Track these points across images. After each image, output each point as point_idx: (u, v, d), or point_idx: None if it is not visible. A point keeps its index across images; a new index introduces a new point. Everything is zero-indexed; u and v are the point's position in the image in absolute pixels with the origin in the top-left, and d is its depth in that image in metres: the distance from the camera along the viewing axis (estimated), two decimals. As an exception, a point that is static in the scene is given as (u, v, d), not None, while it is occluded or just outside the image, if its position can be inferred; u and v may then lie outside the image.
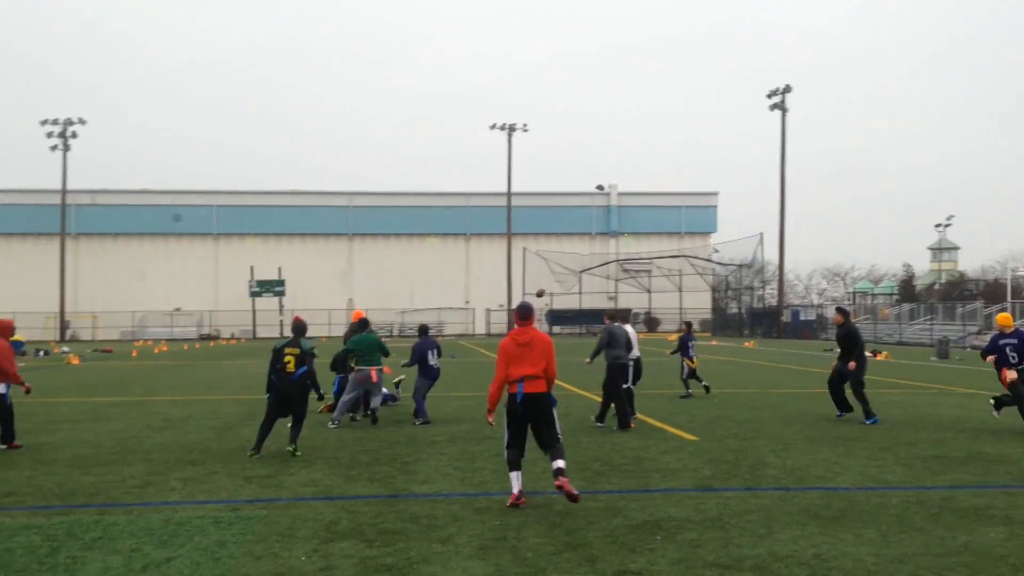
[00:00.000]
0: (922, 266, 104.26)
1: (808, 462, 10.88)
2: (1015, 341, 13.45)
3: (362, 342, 14.47)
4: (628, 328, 15.82)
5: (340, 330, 71.64)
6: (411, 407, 15.65)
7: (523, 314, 8.86)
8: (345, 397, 14.44)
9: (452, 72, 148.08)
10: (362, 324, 14.87)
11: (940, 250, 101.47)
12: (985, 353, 13.94)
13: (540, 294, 22.48)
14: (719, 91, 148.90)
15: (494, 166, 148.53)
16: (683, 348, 19.46)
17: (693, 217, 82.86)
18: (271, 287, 74.15)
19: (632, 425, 14.19)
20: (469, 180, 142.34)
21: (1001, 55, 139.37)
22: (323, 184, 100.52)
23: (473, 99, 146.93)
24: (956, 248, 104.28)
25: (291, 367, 11.42)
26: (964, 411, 16.61)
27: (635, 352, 15.58)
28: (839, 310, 15.86)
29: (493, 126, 72.55)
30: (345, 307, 75.41)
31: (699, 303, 76.57)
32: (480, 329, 75.34)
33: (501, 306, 74.40)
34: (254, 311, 73.95)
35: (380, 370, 14.51)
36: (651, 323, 74.54)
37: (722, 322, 76.79)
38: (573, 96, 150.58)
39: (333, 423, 14.25)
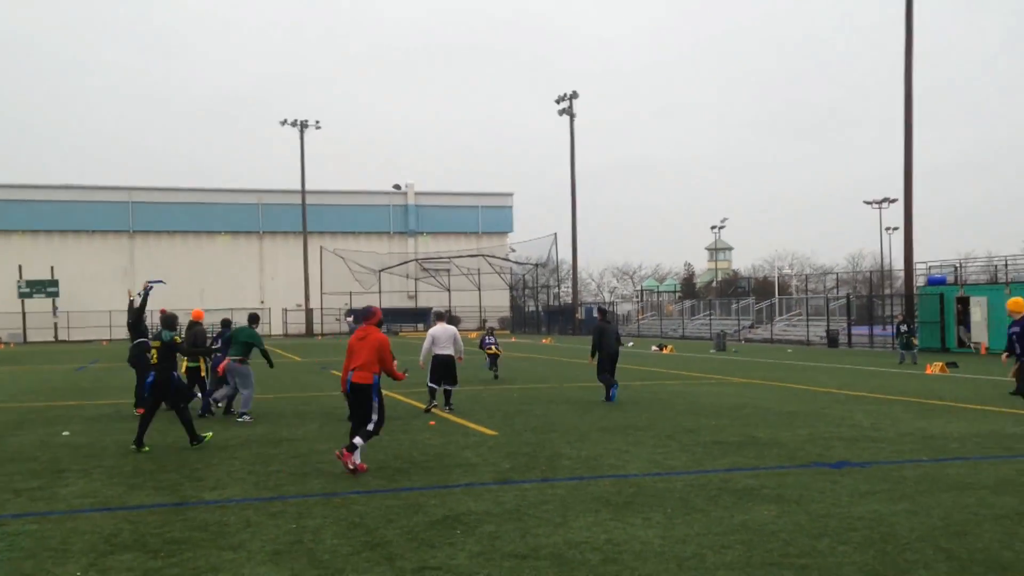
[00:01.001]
0: (701, 265, 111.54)
1: (601, 451, 11.30)
2: (1018, 330, 12.74)
3: (237, 333, 15.30)
4: (444, 327, 16.39)
5: (121, 332, 67.24)
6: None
7: (365, 315, 10.30)
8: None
9: (241, 65, 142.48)
10: (253, 318, 16.07)
11: (716, 250, 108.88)
12: (1007, 349, 13.25)
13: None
14: (515, 95, 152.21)
15: (288, 163, 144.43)
16: (482, 343, 24.14)
17: (490, 217, 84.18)
18: (43, 288, 68.49)
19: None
20: (263, 177, 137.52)
21: (772, 72, 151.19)
22: (100, 178, 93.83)
23: (263, 95, 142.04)
24: (730, 248, 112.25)
25: (154, 359, 12.02)
26: (739, 399, 17.85)
27: (446, 349, 16.08)
28: (599, 309, 18.46)
29: (284, 122, 70.46)
30: (127, 308, 70.86)
31: (498, 301, 77.94)
32: (277, 330, 73.05)
33: (299, 306, 72.49)
34: (24, 313, 68.10)
35: (240, 361, 14.91)
36: (452, 321, 74.99)
37: (520, 320, 78.58)
38: (368, 96, 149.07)
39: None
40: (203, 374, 16.25)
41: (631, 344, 47.77)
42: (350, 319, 14.16)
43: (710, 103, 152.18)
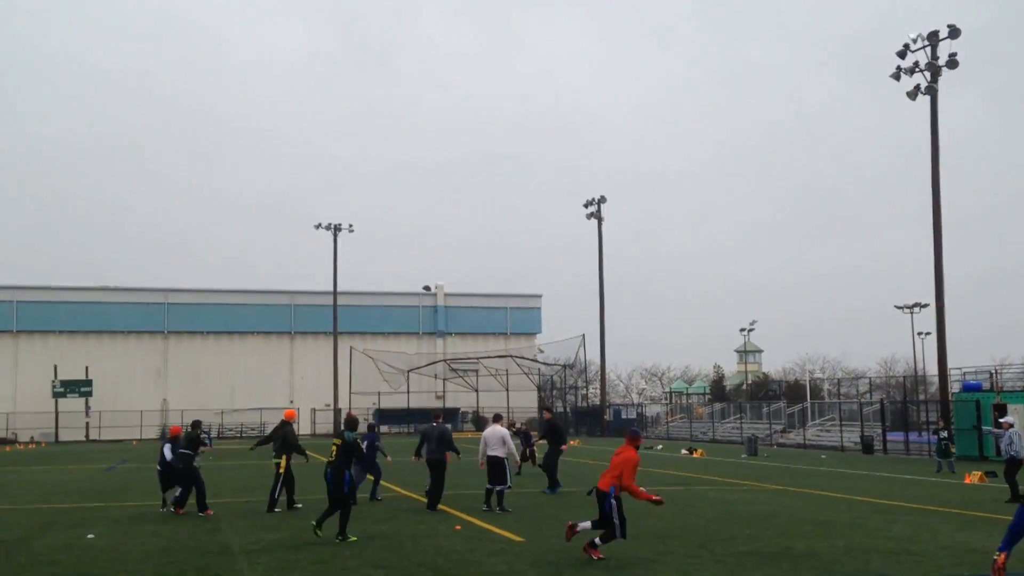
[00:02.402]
0: (731, 368, 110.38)
1: (630, 561, 11.04)
2: None
3: (429, 433, 17.18)
4: (494, 428, 16.89)
5: (153, 432, 67.57)
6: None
7: (629, 436, 11.57)
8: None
9: (276, 170, 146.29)
10: (443, 415, 18.19)
11: (745, 352, 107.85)
12: None
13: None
14: (545, 199, 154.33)
15: (320, 264, 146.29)
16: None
17: (518, 318, 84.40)
18: (76, 387, 69.16)
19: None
20: (294, 278, 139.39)
21: (803, 174, 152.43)
22: (137, 280, 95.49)
23: (297, 198, 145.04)
24: (760, 351, 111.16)
25: (333, 455, 12.90)
26: (773, 507, 17.41)
27: (495, 450, 16.39)
28: (547, 409, 20.48)
29: (318, 226, 71.81)
30: (159, 408, 71.34)
31: (525, 402, 77.29)
32: (305, 429, 72.76)
33: (327, 405, 72.36)
34: (57, 413, 68.59)
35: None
36: (479, 422, 74.56)
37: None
38: (401, 199, 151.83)
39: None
40: (281, 470, 16.65)
41: (660, 447, 47.04)
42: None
43: (740, 205, 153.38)
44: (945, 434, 29.47)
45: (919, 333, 79.93)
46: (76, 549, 12.23)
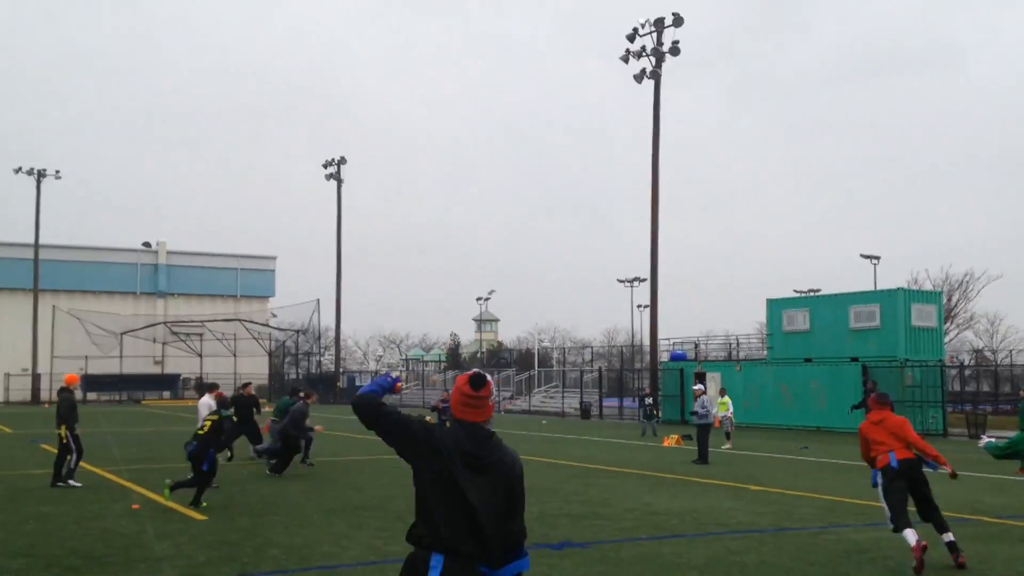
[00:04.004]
0: (469, 336, 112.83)
1: (318, 538, 10.38)
2: None
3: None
4: (205, 398, 16.17)
5: None
6: None
7: (881, 401, 9.66)
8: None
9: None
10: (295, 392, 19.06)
11: (482, 321, 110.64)
12: None
13: None
14: (285, 159, 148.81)
15: (21, 215, 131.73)
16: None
17: (250, 280, 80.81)
18: None
19: None
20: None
21: (545, 146, 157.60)
22: None
23: (10, 142, 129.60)
24: (496, 320, 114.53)
25: (204, 430, 13.08)
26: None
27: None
28: (246, 383, 22.06)
29: (19, 170, 64.24)
30: None
31: (256, 368, 74.11)
32: (-2, 397, 65.55)
33: (25, 370, 65.44)
34: None
35: (272, 422, 18.71)
36: (202, 389, 70.72)
37: (280, 388, 75.36)
38: (120, 149, 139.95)
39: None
40: (63, 440, 14.78)
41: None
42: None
43: (487, 177, 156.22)
44: (650, 400, 31.38)
45: (638, 306, 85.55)
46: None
